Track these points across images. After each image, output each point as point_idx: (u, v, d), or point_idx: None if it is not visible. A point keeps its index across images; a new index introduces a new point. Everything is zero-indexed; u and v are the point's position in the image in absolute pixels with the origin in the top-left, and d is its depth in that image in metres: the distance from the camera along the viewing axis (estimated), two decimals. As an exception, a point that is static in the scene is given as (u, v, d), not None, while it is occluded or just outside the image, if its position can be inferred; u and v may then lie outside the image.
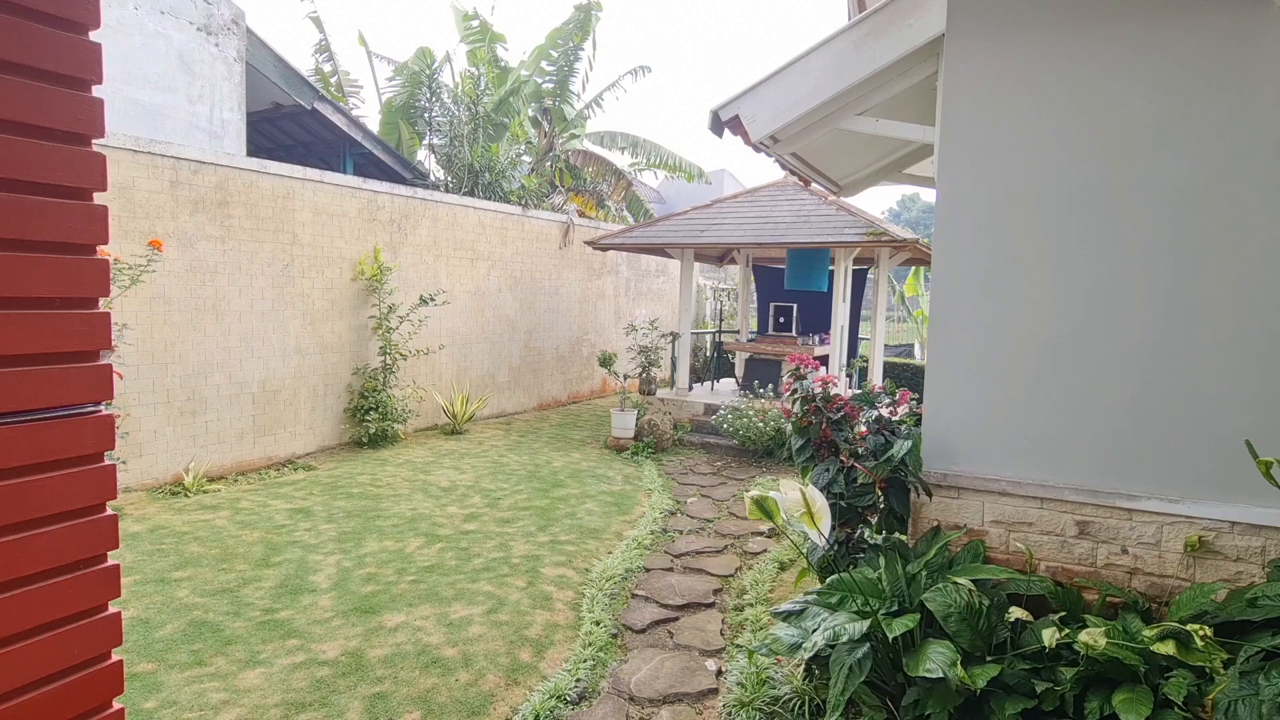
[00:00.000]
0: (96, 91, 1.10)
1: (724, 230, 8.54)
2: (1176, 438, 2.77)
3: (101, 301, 1.11)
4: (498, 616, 3.79)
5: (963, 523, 3.12)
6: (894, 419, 3.57)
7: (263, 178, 6.61)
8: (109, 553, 1.14)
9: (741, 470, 7.27)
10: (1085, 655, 2.30)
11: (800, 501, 2.50)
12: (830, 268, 8.74)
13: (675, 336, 9.55)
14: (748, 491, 2.69)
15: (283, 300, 6.81)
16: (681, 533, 5.28)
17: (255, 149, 10.28)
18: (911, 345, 16.73)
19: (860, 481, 3.21)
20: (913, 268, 13.74)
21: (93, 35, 1.09)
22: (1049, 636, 2.35)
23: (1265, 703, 1.95)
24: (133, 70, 6.93)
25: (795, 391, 3.53)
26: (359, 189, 7.59)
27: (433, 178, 11.44)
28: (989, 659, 2.49)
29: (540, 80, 12.44)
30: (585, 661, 3.35)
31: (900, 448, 3.04)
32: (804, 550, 3.39)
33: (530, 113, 12.49)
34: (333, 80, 12.22)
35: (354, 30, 51.00)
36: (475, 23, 11.59)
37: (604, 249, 9.58)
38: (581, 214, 12.15)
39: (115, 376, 1.15)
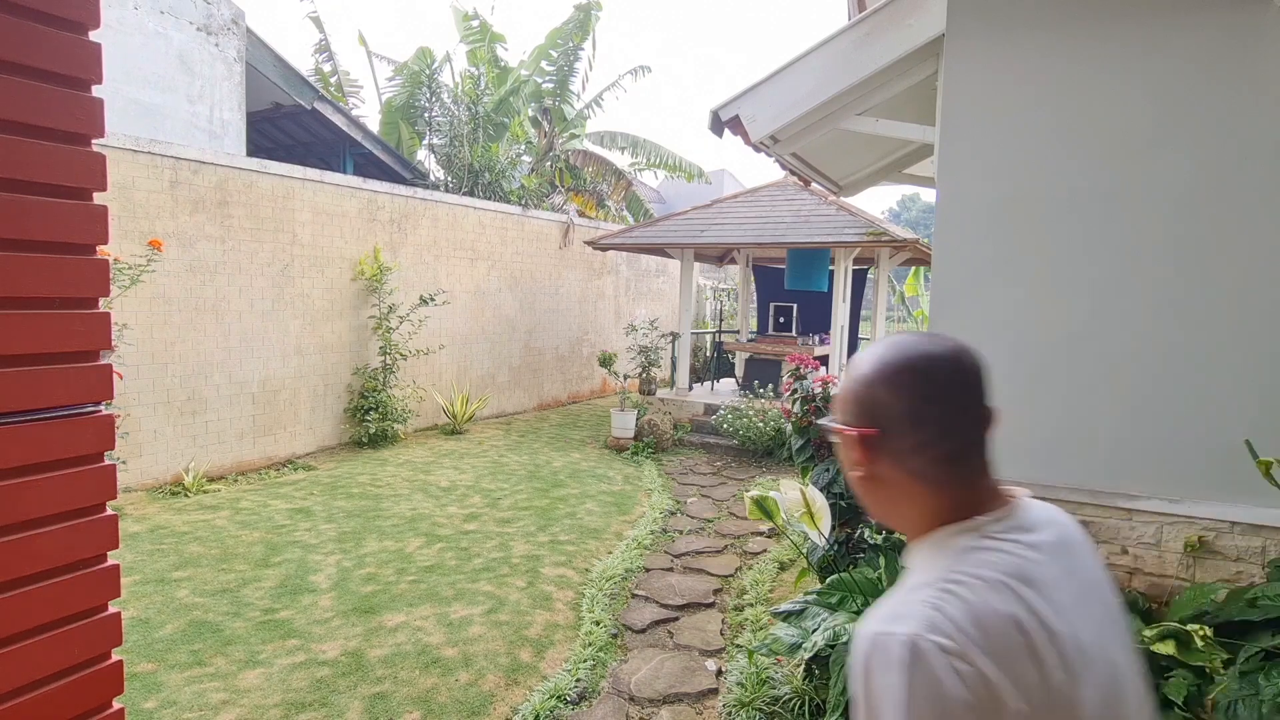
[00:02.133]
0: (96, 91, 1.10)
1: (724, 230, 8.54)
2: (1176, 438, 2.77)
3: (101, 301, 1.11)
4: (498, 616, 3.79)
5: (963, 523, 3.11)
6: (894, 419, 3.57)
7: (262, 178, 6.61)
8: (109, 553, 1.14)
9: (741, 470, 7.27)
10: (1085, 655, 2.30)
11: (800, 501, 2.50)
12: (830, 268, 8.74)
13: (675, 336, 9.55)
14: (748, 491, 2.69)
15: (283, 300, 6.81)
16: (681, 533, 5.28)
17: (255, 149, 10.28)
18: (911, 345, 16.70)
19: (860, 481, 3.21)
20: (913, 268, 13.74)
21: (93, 35, 1.09)
22: (1049, 636, 2.34)
23: (1265, 703, 1.95)
24: (133, 70, 6.93)
25: (795, 391, 3.53)
26: (359, 189, 7.59)
27: (433, 178, 11.43)
28: (989, 659, 2.49)
29: (540, 80, 12.43)
30: (585, 661, 3.35)
31: (900, 448, 3.04)
32: (804, 550, 3.39)
33: (530, 113, 12.49)
34: (333, 80, 12.22)
35: (354, 30, 51.02)
36: (475, 23, 11.59)
37: (604, 249, 9.58)
38: (581, 214, 12.15)
39: (115, 376, 1.14)
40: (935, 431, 0.85)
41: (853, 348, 9.99)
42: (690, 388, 9.62)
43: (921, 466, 0.85)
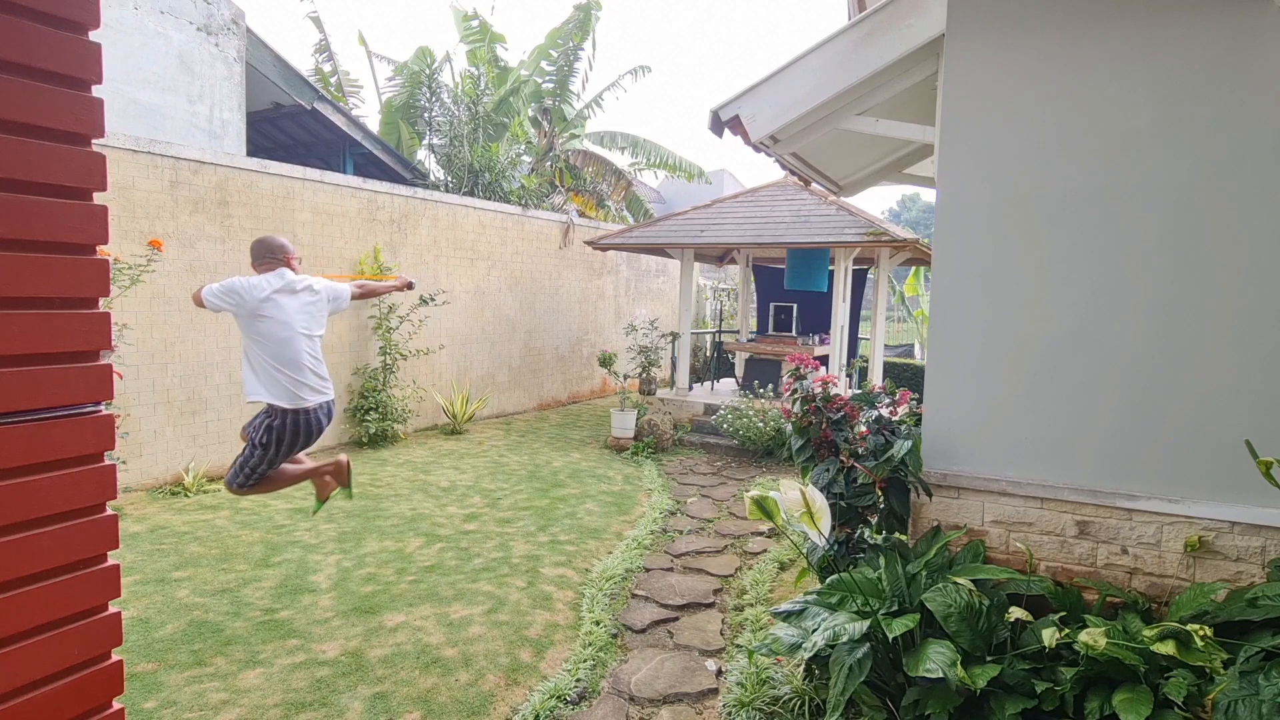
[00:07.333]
0: (96, 91, 1.10)
1: (724, 230, 8.54)
2: (1176, 438, 2.77)
3: (101, 301, 1.11)
4: (498, 616, 3.79)
5: (963, 523, 3.12)
6: (894, 419, 3.57)
7: (262, 178, 6.61)
8: (109, 553, 1.14)
9: (741, 470, 7.27)
10: (1085, 655, 2.30)
11: (800, 501, 2.49)
12: (830, 268, 8.74)
13: (675, 336, 9.55)
14: (748, 491, 2.69)
15: (283, 300, 6.80)
16: (681, 533, 5.28)
17: (255, 149, 10.28)
18: (911, 345, 16.72)
19: (860, 481, 3.21)
20: (913, 268, 13.74)
21: (93, 35, 1.09)
22: (1049, 636, 2.35)
23: (1265, 703, 1.95)
24: (133, 70, 6.93)
25: (795, 391, 3.53)
26: (359, 189, 7.59)
27: (433, 178, 11.43)
28: (989, 659, 2.49)
29: (540, 80, 12.43)
30: (585, 661, 3.35)
31: (900, 448, 3.04)
32: (804, 550, 3.39)
33: (530, 113, 12.48)
34: (333, 80, 12.22)
35: (354, 30, 50.99)
36: (475, 23, 11.59)
37: (604, 249, 9.58)
38: (581, 214, 12.14)
39: (115, 376, 1.14)
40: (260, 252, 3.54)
41: (853, 348, 9.99)
42: (690, 388, 9.62)
43: (258, 264, 3.56)
